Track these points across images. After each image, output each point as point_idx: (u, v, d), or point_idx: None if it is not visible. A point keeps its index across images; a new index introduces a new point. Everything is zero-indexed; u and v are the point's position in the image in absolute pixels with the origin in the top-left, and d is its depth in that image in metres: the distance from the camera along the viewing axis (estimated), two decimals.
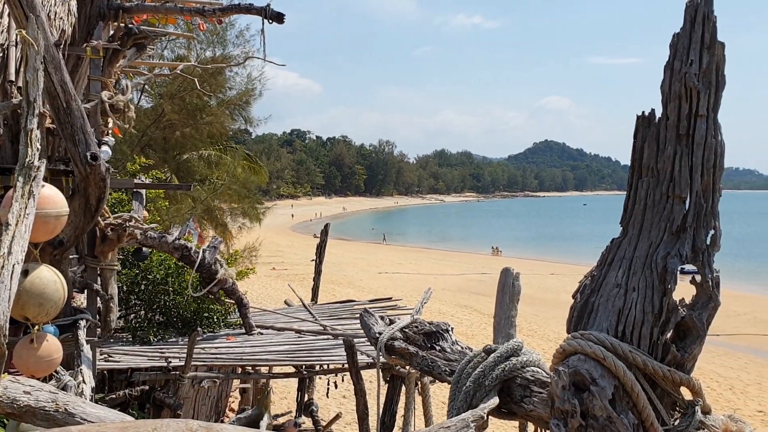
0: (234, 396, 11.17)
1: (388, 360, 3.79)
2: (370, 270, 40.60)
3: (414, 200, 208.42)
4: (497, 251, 61.66)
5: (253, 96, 19.72)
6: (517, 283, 3.56)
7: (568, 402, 2.12)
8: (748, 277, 46.38)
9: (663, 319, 2.18)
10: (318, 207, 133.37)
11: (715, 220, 2.25)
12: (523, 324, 23.51)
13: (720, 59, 2.23)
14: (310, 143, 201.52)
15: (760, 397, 17.42)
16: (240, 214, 20.29)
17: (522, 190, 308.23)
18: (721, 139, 2.23)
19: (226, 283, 8.61)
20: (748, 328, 27.73)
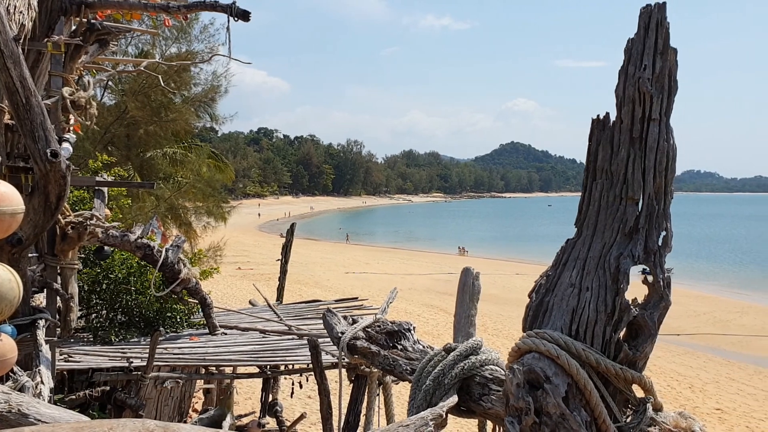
0: (198, 396, 11.06)
1: (351, 360, 3.80)
2: (337, 270, 40.54)
3: (382, 200, 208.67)
4: (463, 251, 62.07)
5: (218, 93, 19.53)
6: (477, 282, 3.60)
7: (522, 399, 2.15)
8: (707, 278, 47.39)
9: (616, 318, 2.23)
10: (285, 206, 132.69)
11: (666, 221, 2.30)
12: (489, 323, 23.69)
13: (672, 65, 2.28)
14: (278, 142, 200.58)
15: (718, 395, 17.78)
16: (205, 213, 20.06)
17: (489, 190, 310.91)
18: (673, 143, 2.28)
19: (190, 282, 8.53)
20: (707, 327, 28.30)
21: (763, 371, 21.44)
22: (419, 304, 27.98)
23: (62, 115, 6.20)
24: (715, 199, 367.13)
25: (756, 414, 16.15)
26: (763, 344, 25.59)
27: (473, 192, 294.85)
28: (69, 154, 5.66)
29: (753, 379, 20.11)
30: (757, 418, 15.76)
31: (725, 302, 35.48)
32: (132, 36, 17.49)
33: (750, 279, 47.30)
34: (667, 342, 25.02)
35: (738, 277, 47.96)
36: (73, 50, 6.50)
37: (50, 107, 5.71)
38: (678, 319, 29.54)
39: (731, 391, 18.31)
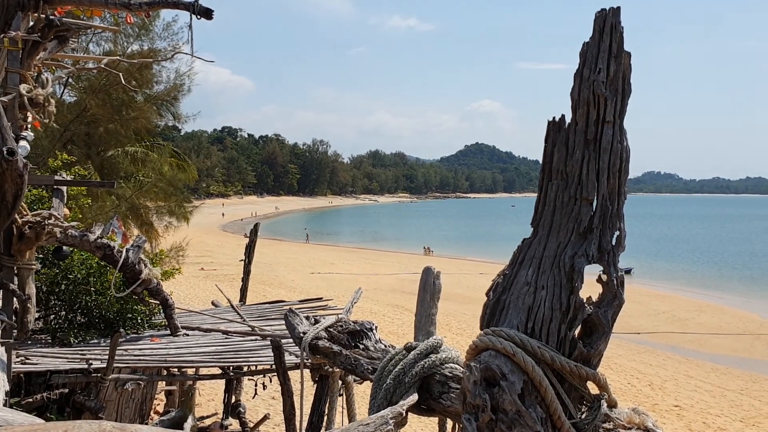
0: (160, 398, 10.93)
1: (313, 360, 3.80)
2: (302, 270, 40.39)
3: (348, 200, 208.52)
4: (429, 251, 62.39)
5: (181, 92, 19.31)
6: (438, 281, 3.63)
7: (479, 397, 2.18)
8: (667, 277, 48.36)
9: (570, 316, 2.27)
10: (249, 206, 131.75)
11: (620, 221, 2.35)
12: (453, 322, 23.85)
13: (626, 68, 2.32)
14: (242, 141, 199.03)
15: (676, 392, 18.15)
16: (166, 213, 19.81)
17: (454, 191, 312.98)
18: (627, 145, 2.33)
19: (151, 283, 8.43)
20: (666, 326, 28.86)
21: (720, 368, 21.96)
22: (384, 303, 28.04)
23: (20, 112, 6.08)
24: (674, 200, 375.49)
25: (712, 410, 16.53)
26: (720, 342, 26.20)
27: (439, 192, 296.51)
28: (26, 152, 5.55)
29: (710, 376, 20.58)
30: (713, 414, 16.13)
31: (684, 301, 36.24)
32: (93, 33, 17.20)
33: (707, 278, 48.41)
34: (628, 340, 25.47)
35: (696, 277, 49.05)
36: (31, 47, 6.38)
37: (6, 104, 5.60)
38: (638, 317, 30.08)
39: (689, 388, 18.72)
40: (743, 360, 23.63)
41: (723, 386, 19.33)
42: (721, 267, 55.81)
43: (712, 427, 15.04)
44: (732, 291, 41.77)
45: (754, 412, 16.80)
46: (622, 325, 28.03)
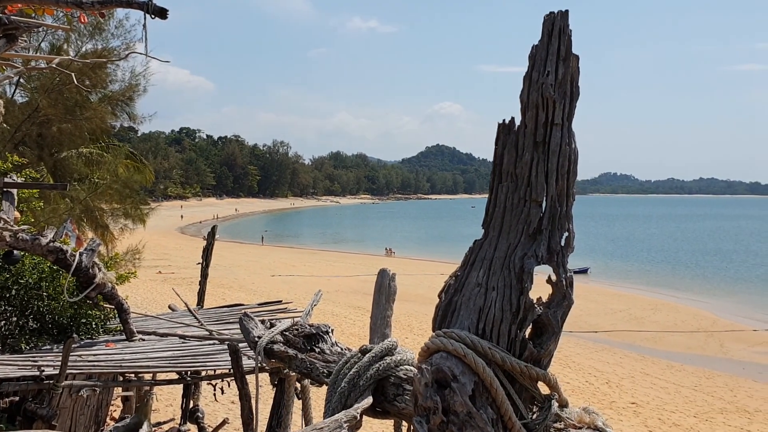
0: (116, 404, 10.73)
1: (268, 364, 3.77)
2: (263, 273, 40.08)
3: (309, 202, 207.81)
4: (390, 252, 62.52)
5: (137, 92, 18.95)
6: (393, 283, 3.63)
7: (430, 399, 2.18)
8: (623, 276, 49.28)
9: (521, 317, 2.28)
10: (208, 208, 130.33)
11: (569, 222, 2.37)
12: (414, 323, 23.91)
13: (575, 71, 2.35)
14: (201, 142, 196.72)
15: (633, 389, 18.47)
16: (122, 215, 19.43)
17: (415, 192, 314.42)
18: (575, 147, 2.35)
19: (105, 287, 8.27)
20: (623, 324, 29.36)
21: (675, 365, 22.43)
22: (346, 305, 27.98)
23: None
24: (630, 200, 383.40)
25: (667, 407, 16.87)
26: (675, 340, 26.77)
27: (400, 193, 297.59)
28: None
29: (665, 374, 21.00)
30: (668, 411, 16.46)
31: (640, 300, 36.93)
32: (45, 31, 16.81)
33: (662, 277, 49.47)
34: (586, 339, 25.87)
35: (651, 275, 50.07)
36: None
37: None
38: (596, 316, 30.57)
39: (645, 386, 19.06)
40: (697, 357, 24.18)
41: (678, 383, 19.74)
42: (675, 266, 57.10)
43: (667, 423, 15.33)
44: (686, 289, 42.75)
45: (707, 407, 17.19)
46: (580, 324, 28.52)
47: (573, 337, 25.78)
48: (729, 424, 15.76)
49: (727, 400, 18.19)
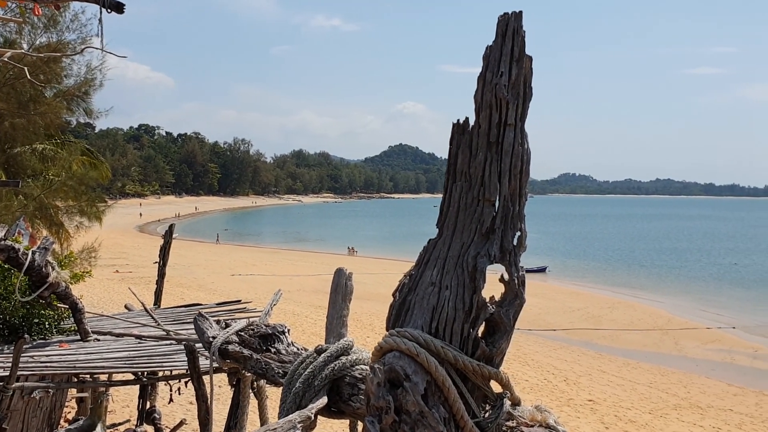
0: (70, 406, 10.51)
1: (223, 364, 3.73)
2: (223, 272, 39.68)
3: (271, 200, 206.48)
4: (353, 251, 62.49)
5: (93, 86, 18.53)
6: (350, 282, 3.62)
7: (382, 398, 2.18)
8: (581, 275, 50.05)
9: (473, 316, 2.29)
10: (167, 206, 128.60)
11: (521, 222, 2.39)
12: (376, 322, 23.92)
13: (528, 72, 2.37)
14: (160, 139, 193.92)
15: (590, 387, 18.76)
16: (77, 213, 19.01)
17: (378, 191, 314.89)
18: (527, 147, 2.37)
19: (59, 286, 8.08)
20: (581, 323, 29.80)
21: (631, 363, 22.86)
22: (307, 305, 27.86)
23: None
24: (588, 201, 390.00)
25: (623, 403, 17.17)
26: (631, 338, 27.29)
27: (363, 192, 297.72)
28: None
29: (622, 371, 21.38)
30: (624, 407, 16.76)
31: (597, 298, 37.53)
32: None
33: (619, 276, 50.38)
34: (544, 337, 26.21)
35: (608, 274, 50.95)
36: None
37: None
38: (554, 314, 30.99)
39: (602, 383, 19.38)
40: (652, 354, 24.69)
41: (634, 380, 20.13)
42: (631, 265, 58.19)
43: (623, 420, 15.61)
44: (642, 288, 43.60)
45: (662, 404, 17.56)
46: (538, 322, 28.88)
47: (532, 335, 26.10)
48: (682, 420, 16.13)
49: (681, 396, 18.61)
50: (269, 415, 7.83)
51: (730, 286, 45.80)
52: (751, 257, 66.73)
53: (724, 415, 17.09)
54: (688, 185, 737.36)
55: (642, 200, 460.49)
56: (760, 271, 54.74)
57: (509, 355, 18.44)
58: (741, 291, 43.25)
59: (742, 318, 33.02)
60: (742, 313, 34.70)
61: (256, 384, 7.67)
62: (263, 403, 7.50)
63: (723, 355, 25.17)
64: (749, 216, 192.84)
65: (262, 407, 7.50)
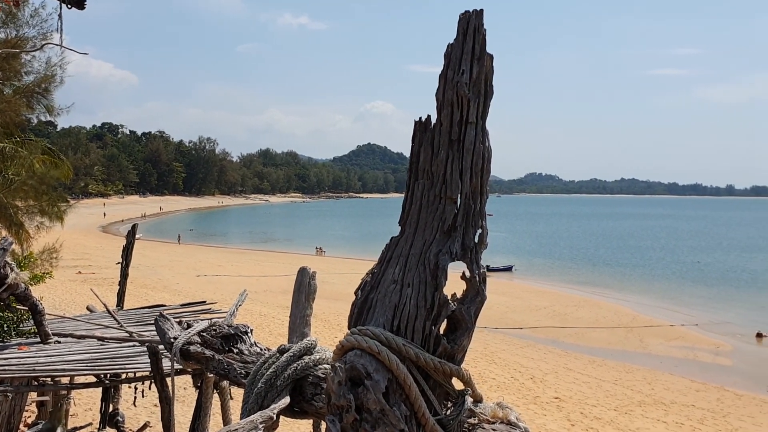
0: (30, 410, 10.30)
1: (185, 365, 3.67)
2: (188, 273, 39.27)
3: (237, 200, 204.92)
4: (321, 251, 62.33)
5: (53, 83, 18.12)
6: (314, 282, 3.60)
7: (343, 397, 2.16)
8: (547, 274, 50.57)
9: (435, 313, 2.29)
10: (131, 206, 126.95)
11: (482, 220, 2.39)
12: (344, 323, 23.74)
13: (489, 70, 2.37)
14: (123, 138, 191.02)
15: (556, 384, 18.97)
16: (38, 213, 18.60)
17: (346, 191, 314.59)
18: (489, 146, 2.37)
19: (18, 288, 7.91)
20: (547, 321, 30.11)
21: (596, 360, 23.17)
22: (274, 305, 27.70)
23: None
24: (555, 200, 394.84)
25: (589, 400, 17.40)
26: (597, 335, 27.65)
27: (332, 192, 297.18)
28: None
29: (587, 368, 21.66)
30: (590, 404, 16.97)
31: (563, 296, 37.96)
32: None
33: (584, 274, 51.03)
34: (511, 335, 26.43)
35: (574, 273, 51.57)
36: None
37: None
38: (520, 313, 31.27)
39: (568, 380, 19.61)
40: (617, 352, 25.05)
41: (599, 377, 20.40)
42: (596, 263, 58.98)
43: (588, 417, 15.81)
44: (607, 286, 44.23)
45: (626, 400, 17.83)
46: (505, 320, 29.12)
47: (499, 334, 26.30)
48: (647, 416, 16.39)
49: (646, 393, 18.91)
50: (233, 416, 7.76)
51: (692, 284, 46.70)
52: (713, 255, 68.12)
53: (687, 410, 17.42)
54: (652, 185, 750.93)
55: (607, 199, 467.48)
56: (722, 269, 55.92)
57: (476, 353, 18.55)
58: (703, 289, 44.13)
59: (704, 315, 33.70)
60: (705, 310, 35.41)
61: (218, 385, 7.60)
62: (226, 404, 7.44)
63: (686, 351, 25.65)
64: (711, 215, 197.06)
65: (225, 408, 7.43)
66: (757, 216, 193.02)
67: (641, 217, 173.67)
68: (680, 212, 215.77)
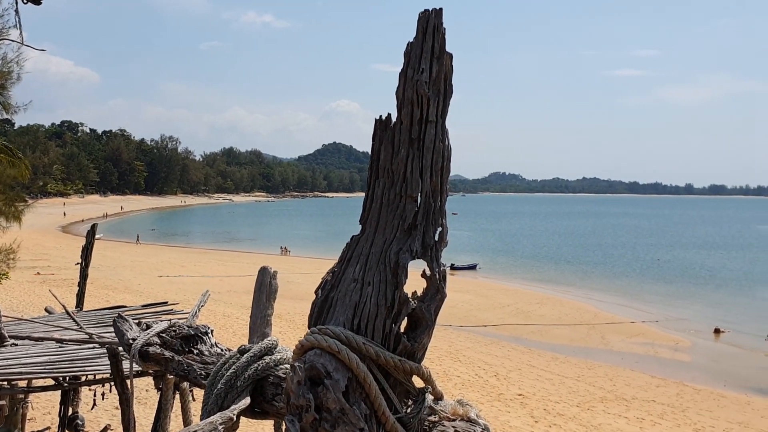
0: None
1: (144, 367, 3.62)
2: (150, 273, 38.73)
3: (200, 199, 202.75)
4: (286, 251, 62.01)
5: (10, 80, 17.67)
6: (275, 281, 3.57)
7: (302, 397, 2.15)
8: (510, 272, 51.07)
9: (395, 311, 2.29)
10: (92, 206, 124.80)
11: (442, 218, 2.40)
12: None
13: (448, 69, 2.38)
14: (83, 136, 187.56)
15: (520, 381, 19.16)
16: None
17: (312, 190, 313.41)
18: (448, 144, 2.39)
19: None
20: (511, 318, 30.42)
21: (559, 357, 23.48)
22: (238, 306, 27.47)
23: None
24: (518, 199, 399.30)
25: (552, 397, 17.61)
26: (559, 333, 28.02)
27: (297, 191, 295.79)
28: None
29: (550, 365, 21.93)
30: (553, 401, 17.18)
31: (526, 294, 38.38)
32: None
33: (547, 272, 51.66)
34: (475, 333, 26.64)
35: (537, 271, 52.18)
36: None
37: None
38: (485, 311, 31.54)
39: (531, 377, 19.83)
40: (580, 349, 25.42)
41: (562, 374, 20.67)
42: (558, 261, 59.75)
43: (552, 413, 16.00)
44: (569, 284, 44.85)
45: (588, 396, 18.10)
46: (470, 318, 29.34)
47: (463, 332, 26.49)
48: (608, 412, 16.66)
49: (607, 389, 19.22)
50: (194, 418, 7.68)
51: (652, 281, 47.61)
52: (673, 253, 69.54)
53: (647, 405, 17.75)
54: (614, 184, 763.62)
55: (569, 198, 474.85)
56: (681, 266, 57.11)
57: (441, 351, 18.63)
58: (663, 286, 45.02)
59: (664, 312, 34.40)
60: (664, 307, 36.14)
61: (178, 386, 7.51)
62: (187, 405, 7.36)
63: (646, 348, 26.15)
64: (671, 213, 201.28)
65: (186, 409, 7.35)
66: (714, 214, 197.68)
67: (603, 215, 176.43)
68: (640, 211, 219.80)
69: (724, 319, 32.40)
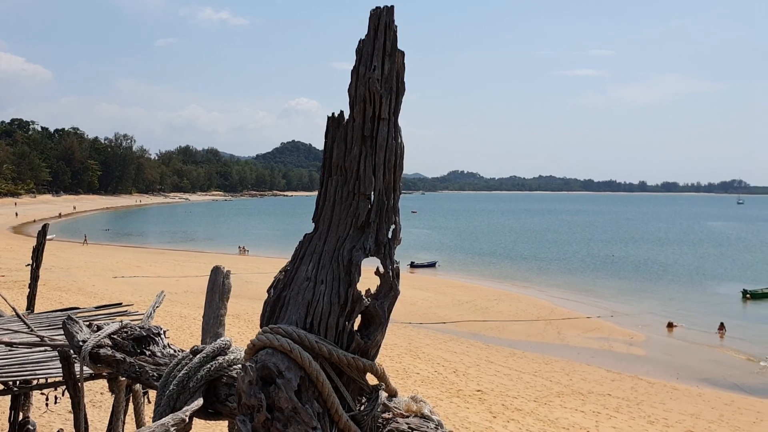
0: None
1: (95, 369, 3.55)
2: (104, 274, 37.95)
3: (156, 198, 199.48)
4: (244, 251, 61.44)
5: None
6: (228, 281, 3.54)
7: (254, 397, 2.13)
8: (468, 269, 51.47)
9: (348, 309, 2.28)
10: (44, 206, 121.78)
11: (396, 215, 2.40)
12: None
13: (400, 67, 2.38)
14: (35, 135, 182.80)
15: (478, 377, 19.32)
16: None
17: (270, 189, 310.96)
18: (401, 142, 2.39)
19: None
20: (470, 315, 30.65)
21: (517, 353, 23.74)
22: (195, 306, 27.11)
23: None
24: (476, 197, 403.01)
25: (510, 392, 17.79)
26: (517, 329, 28.34)
27: (255, 190, 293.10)
28: None
29: (508, 361, 22.16)
30: (511, 396, 17.36)
31: (484, 291, 38.71)
32: None
33: (504, 268, 52.20)
34: (435, 330, 26.78)
35: (494, 267, 52.69)
36: None
37: None
38: (444, 308, 31.73)
39: (490, 373, 20.01)
40: (537, 344, 25.76)
41: (519, 369, 20.90)
42: (515, 258, 60.41)
43: (510, 408, 16.16)
44: (526, 280, 45.40)
45: (546, 391, 18.34)
46: (429, 315, 29.49)
47: (423, 329, 26.61)
48: (565, 406, 16.91)
49: (564, 383, 19.51)
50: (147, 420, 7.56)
51: (607, 276, 48.50)
52: (626, 249, 70.92)
53: (603, 399, 18.07)
54: (569, 181, 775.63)
55: (526, 196, 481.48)
56: (635, 262, 58.29)
57: (401, 348, 18.65)
58: (617, 281, 45.90)
59: (618, 307, 35.07)
60: (619, 302, 36.85)
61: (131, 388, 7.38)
62: (139, 407, 7.23)
63: (602, 342, 26.63)
64: (625, 210, 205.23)
65: (139, 411, 7.23)
66: (667, 210, 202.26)
67: (558, 212, 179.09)
68: (595, 207, 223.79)
69: (677, 313, 33.18)
